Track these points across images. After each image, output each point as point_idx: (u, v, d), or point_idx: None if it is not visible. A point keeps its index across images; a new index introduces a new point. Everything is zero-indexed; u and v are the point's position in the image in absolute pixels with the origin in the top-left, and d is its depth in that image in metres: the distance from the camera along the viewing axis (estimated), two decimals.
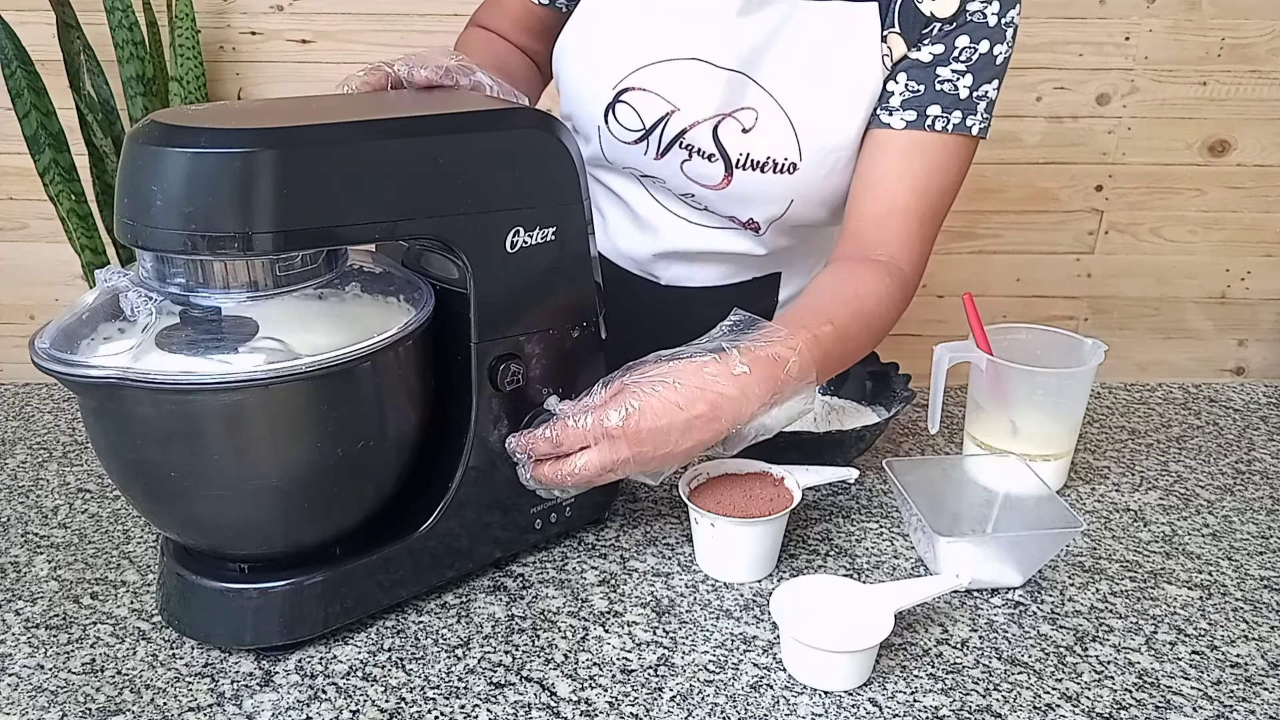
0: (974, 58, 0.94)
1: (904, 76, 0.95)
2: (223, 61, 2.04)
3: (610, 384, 0.78)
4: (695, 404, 0.76)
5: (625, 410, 0.74)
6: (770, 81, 0.96)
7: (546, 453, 0.77)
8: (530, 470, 0.79)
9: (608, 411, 0.75)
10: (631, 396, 0.75)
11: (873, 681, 0.72)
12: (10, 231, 2.13)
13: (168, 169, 0.63)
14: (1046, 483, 0.87)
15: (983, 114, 0.96)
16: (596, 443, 0.75)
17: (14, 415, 1.08)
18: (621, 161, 1.03)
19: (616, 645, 0.76)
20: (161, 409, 0.66)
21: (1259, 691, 0.73)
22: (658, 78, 0.98)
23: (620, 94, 0.99)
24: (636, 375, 0.77)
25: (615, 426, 0.74)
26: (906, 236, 0.95)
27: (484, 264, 0.75)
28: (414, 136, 0.70)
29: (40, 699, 0.70)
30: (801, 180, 0.99)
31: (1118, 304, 2.25)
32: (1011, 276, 2.21)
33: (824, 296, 0.90)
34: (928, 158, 0.96)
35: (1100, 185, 2.14)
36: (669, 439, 0.76)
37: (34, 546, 0.86)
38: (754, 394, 0.77)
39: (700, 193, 1.02)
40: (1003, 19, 0.93)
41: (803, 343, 0.81)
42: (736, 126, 0.97)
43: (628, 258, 1.12)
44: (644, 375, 0.77)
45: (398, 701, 0.70)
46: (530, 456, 0.78)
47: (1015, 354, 0.96)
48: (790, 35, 0.95)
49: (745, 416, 0.78)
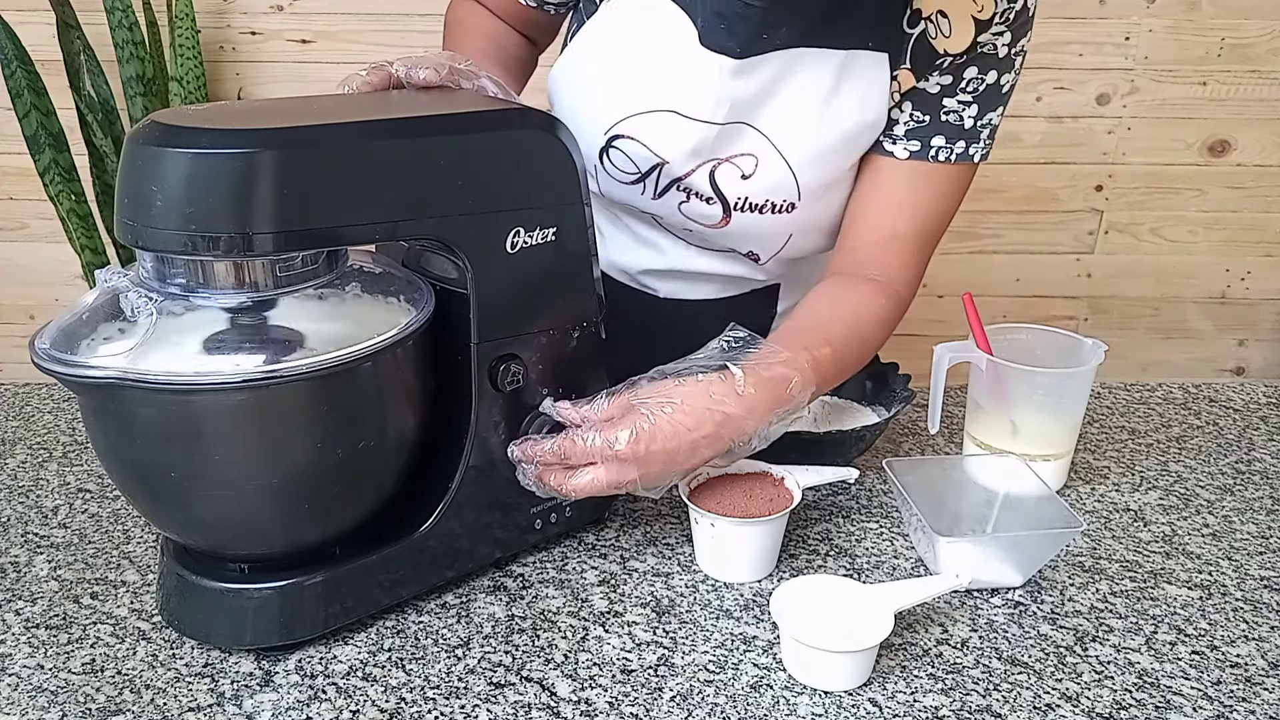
0: (981, 88, 0.93)
1: (909, 105, 0.94)
2: (223, 61, 2.04)
3: (615, 397, 0.78)
4: (702, 425, 0.76)
5: (634, 433, 0.75)
6: (770, 128, 0.94)
7: (552, 464, 0.78)
8: (534, 475, 0.79)
9: (617, 433, 0.75)
10: (640, 419, 0.75)
11: (873, 681, 0.72)
12: (10, 231, 2.13)
13: (168, 169, 0.63)
14: (1046, 483, 0.87)
15: (985, 140, 0.95)
16: (604, 462, 0.76)
17: (14, 415, 1.08)
18: (620, 199, 1.02)
19: (616, 645, 0.76)
20: (161, 409, 0.66)
21: (1259, 691, 0.73)
22: (644, 128, 0.95)
23: (612, 140, 0.97)
24: (643, 395, 0.77)
25: (624, 450, 0.75)
26: (905, 261, 0.95)
27: (484, 264, 0.75)
28: (414, 137, 0.70)
29: (40, 699, 0.70)
30: (800, 216, 0.98)
31: (1118, 304, 2.25)
32: (1011, 276, 2.21)
33: (821, 315, 0.90)
34: (930, 188, 0.95)
35: (1100, 185, 2.14)
36: (675, 459, 0.76)
37: (34, 546, 0.86)
38: (758, 413, 0.78)
39: (698, 230, 1.01)
40: (1013, 49, 0.92)
41: (804, 363, 0.81)
42: (735, 172, 0.96)
43: (625, 272, 1.11)
44: (651, 396, 0.77)
45: (398, 701, 0.70)
46: (535, 465, 0.78)
47: (1015, 354, 0.96)
48: (792, 83, 0.92)
49: (748, 434, 0.79)
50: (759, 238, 1.01)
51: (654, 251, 1.07)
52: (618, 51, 0.96)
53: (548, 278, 0.79)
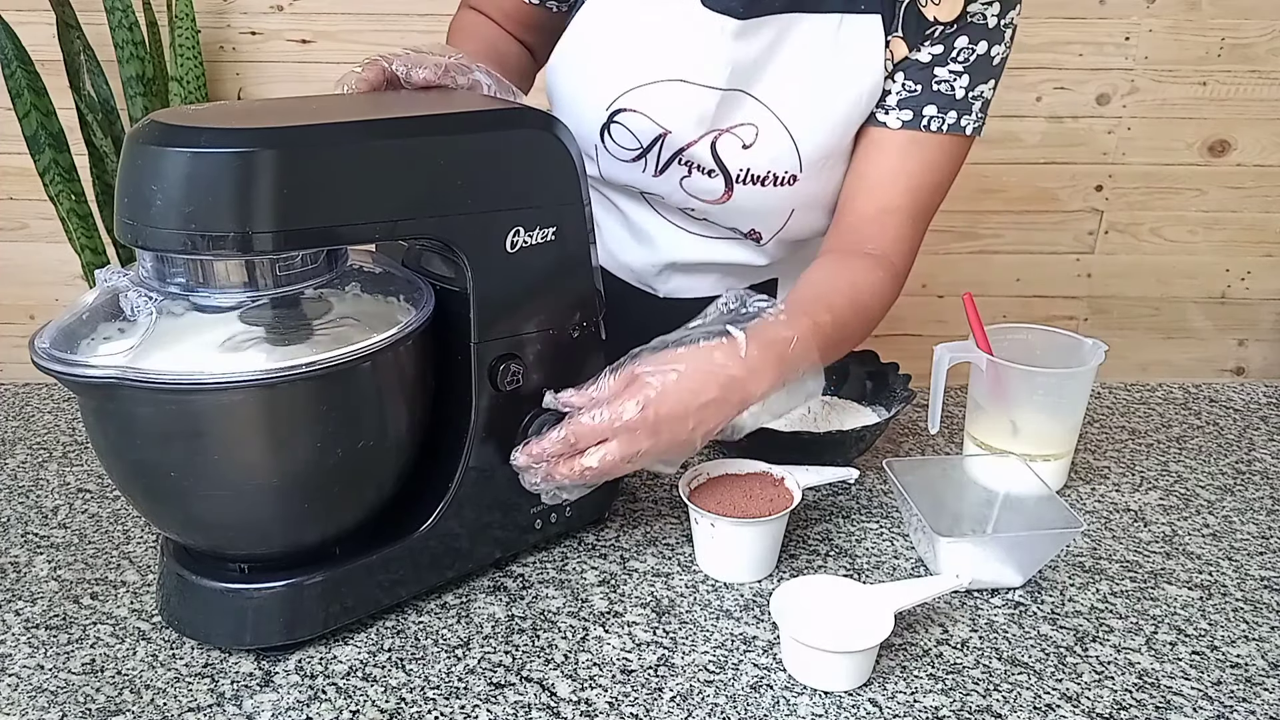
0: (972, 59, 0.93)
1: (901, 76, 0.95)
2: (223, 61, 2.04)
3: (619, 372, 0.78)
4: (708, 388, 0.76)
5: (640, 401, 0.75)
6: (769, 96, 0.95)
7: (561, 453, 0.77)
8: (544, 471, 0.78)
9: (623, 404, 0.75)
10: (646, 388, 0.75)
11: (873, 681, 0.72)
12: (10, 231, 2.13)
13: (168, 169, 0.63)
14: (1046, 483, 0.87)
15: (977, 114, 0.96)
16: (615, 436, 0.75)
17: (14, 415, 1.08)
18: (620, 179, 1.03)
19: (616, 645, 0.76)
20: (161, 409, 0.66)
21: (1259, 691, 0.73)
22: (648, 100, 0.96)
23: (614, 115, 0.98)
24: (646, 365, 0.77)
25: (633, 418, 0.74)
26: (900, 234, 0.96)
27: (484, 264, 0.75)
28: (414, 136, 0.70)
29: (40, 699, 0.70)
30: (802, 189, 0.98)
31: (1118, 304, 2.25)
32: (1011, 276, 2.21)
33: (821, 286, 0.90)
34: (923, 157, 0.96)
35: (1100, 185, 2.14)
36: (685, 425, 0.76)
37: (34, 546, 0.86)
38: (762, 375, 0.78)
39: (700, 207, 1.02)
40: (1002, 20, 0.93)
41: (804, 327, 0.81)
42: (736, 142, 0.97)
43: (626, 269, 1.11)
44: (654, 364, 0.77)
45: (398, 701, 0.70)
46: (543, 463, 0.78)
47: (1015, 354, 0.96)
48: (789, 48, 0.94)
49: (754, 398, 0.79)
50: (761, 213, 1.01)
51: (652, 246, 1.08)
52: (619, 25, 0.97)
53: (547, 277, 0.79)
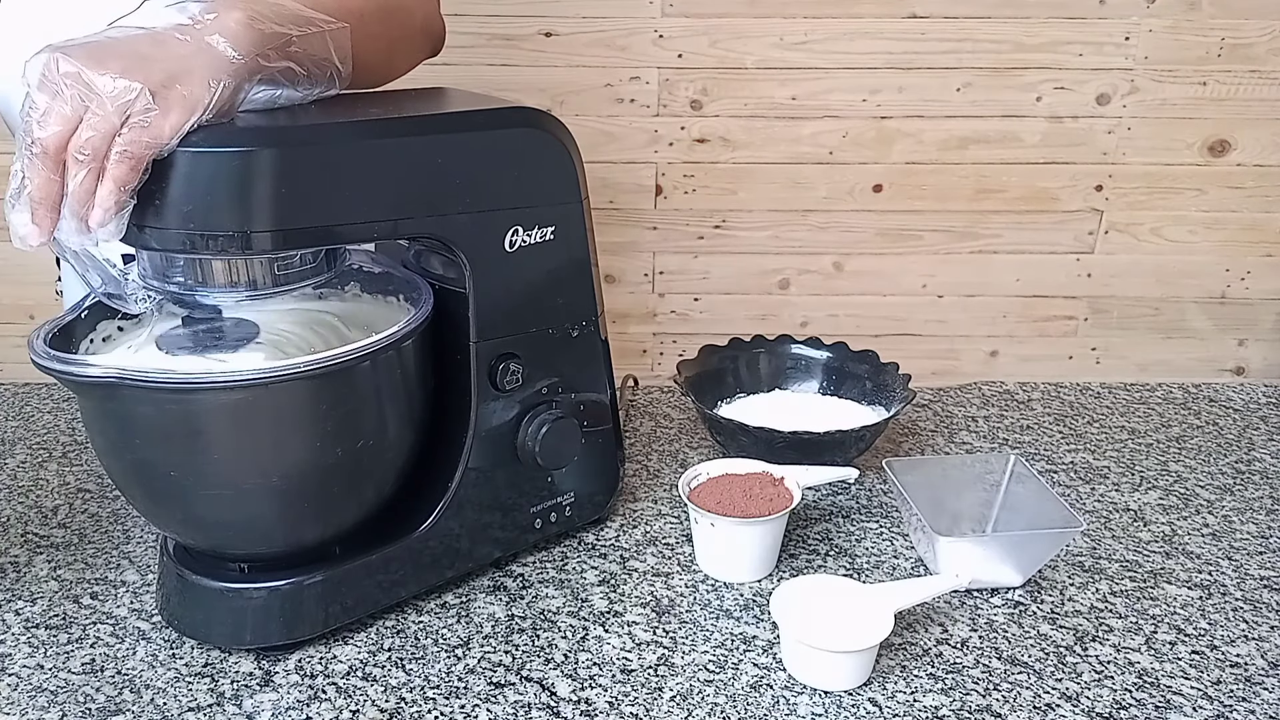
0: None
1: None
2: None
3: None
4: (134, 35, 0.62)
5: (44, 62, 0.59)
6: None
7: (54, 193, 0.61)
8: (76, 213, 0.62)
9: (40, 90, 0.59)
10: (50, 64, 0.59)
11: (873, 681, 0.72)
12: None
13: (166, 168, 0.63)
14: (1046, 484, 0.87)
15: None
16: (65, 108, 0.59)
17: (14, 415, 1.08)
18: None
19: (616, 645, 0.76)
20: (161, 409, 0.66)
21: (1259, 691, 0.73)
22: None
23: None
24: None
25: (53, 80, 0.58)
26: None
27: (483, 264, 0.75)
28: (413, 135, 0.70)
29: (40, 699, 0.70)
30: None
31: (1118, 304, 2.24)
32: (1011, 276, 2.20)
33: None
34: None
35: (1100, 185, 2.14)
36: (136, 50, 0.61)
37: (34, 546, 0.86)
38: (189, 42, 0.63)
39: None
40: None
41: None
42: None
43: None
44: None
45: (398, 701, 0.70)
46: (51, 210, 0.61)
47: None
48: None
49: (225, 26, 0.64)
50: None
51: None
52: None
53: (547, 276, 0.79)
